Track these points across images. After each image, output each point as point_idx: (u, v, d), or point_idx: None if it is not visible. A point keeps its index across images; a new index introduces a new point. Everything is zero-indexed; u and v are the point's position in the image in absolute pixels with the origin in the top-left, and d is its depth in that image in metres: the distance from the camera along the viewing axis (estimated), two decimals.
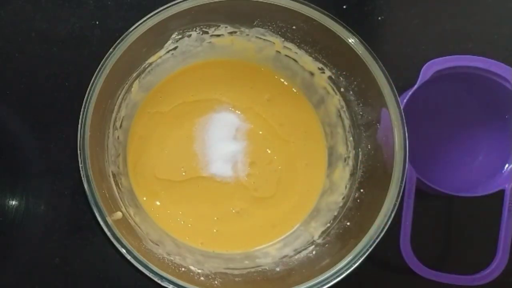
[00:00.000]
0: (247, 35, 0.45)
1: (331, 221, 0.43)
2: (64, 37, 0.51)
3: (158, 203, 0.45)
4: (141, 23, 0.39)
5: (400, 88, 0.43)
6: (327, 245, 0.42)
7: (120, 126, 0.45)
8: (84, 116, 0.37)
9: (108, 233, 0.36)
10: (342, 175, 0.45)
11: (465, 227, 0.50)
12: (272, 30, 0.44)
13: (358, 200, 0.42)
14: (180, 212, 0.45)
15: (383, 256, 0.49)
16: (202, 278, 0.39)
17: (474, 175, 0.50)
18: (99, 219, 0.36)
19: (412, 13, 0.53)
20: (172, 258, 0.40)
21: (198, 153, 0.46)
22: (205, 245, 0.45)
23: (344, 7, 0.52)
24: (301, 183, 0.47)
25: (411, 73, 0.47)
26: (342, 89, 0.44)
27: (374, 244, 0.37)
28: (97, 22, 0.52)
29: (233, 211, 0.45)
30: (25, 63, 0.51)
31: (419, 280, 0.45)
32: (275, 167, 0.46)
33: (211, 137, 0.46)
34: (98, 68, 0.38)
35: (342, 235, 0.41)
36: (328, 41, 0.41)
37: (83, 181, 0.36)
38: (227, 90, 0.48)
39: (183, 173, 0.46)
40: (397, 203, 0.37)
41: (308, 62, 0.45)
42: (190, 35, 0.44)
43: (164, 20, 0.39)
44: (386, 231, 0.37)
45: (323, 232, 0.43)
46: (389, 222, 0.37)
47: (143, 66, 0.44)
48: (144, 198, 0.45)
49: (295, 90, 0.48)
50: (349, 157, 0.45)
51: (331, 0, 0.53)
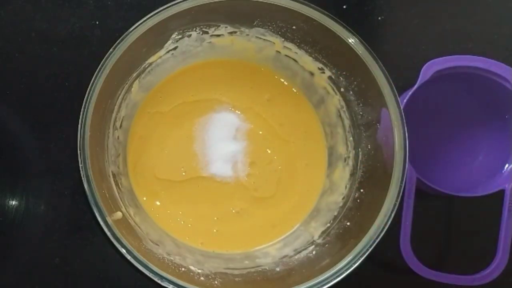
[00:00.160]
0: (247, 35, 0.45)
1: (331, 221, 0.43)
2: (64, 37, 0.51)
3: (158, 203, 0.45)
4: (141, 23, 0.39)
5: (400, 88, 0.43)
6: (327, 245, 0.42)
7: (120, 126, 0.45)
8: (84, 116, 0.37)
9: (108, 233, 0.36)
10: (342, 175, 0.45)
11: (465, 227, 0.50)
12: (272, 30, 0.44)
13: (358, 200, 0.42)
14: (180, 212, 0.45)
15: (383, 256, 0.49)
16: (202, 278, 0.39)
17: (474, 175, 0.50)
18: (99, 219, 0.36)
19: (412, 13, 0.53)
20: (172, 258, 0.40)
21: (198, 153, 0.46)
22: (205, 245, 0.45)
23: (344, 7, 0.52)
24: (301, 183, 0.47)
25: (411, 73, 0.47)
26: (342, 89, 0.44)
27: (374, 244, 0.37)
28: (97, 22, 0.51)
29: (233, 211, 0.45)
30: (25, 63, 0.51)
31: (419, 280, 0.45)
32: (275, 167, 0.46)
33: (211, 137, 0.46)
34: (98, 68, 0.38)
35: (342, 235, 0.41)
36: (328, 41, 0.41)
37: (83, 181, 0.36)
38: (227, 90, 0.48)
39: (183, 173, 0.46)
40: (397, 203, 0.37)
41: (308, 62, 0.45)
42: (190, 35, 0.44)
43: (164, 20, 0.39)
44: (386, 231, 0.37)
45: (323, 232, 0.43)
46: (389, 222, 0.37)
47: (143, 66, 0.44)
48: (144, 198, 0.45)
49: (295, 90, 0.48)
50: (349, 157, 0.45)
51: (331, 0, 0.53)
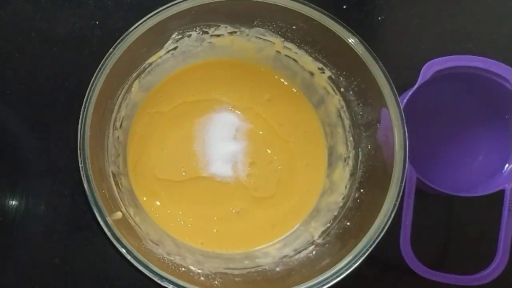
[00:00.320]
0: (247, 35, 0.45)
1: (331, 221, 0.43)
2: (64, 37, 0.51)
3: (158, 203, 0.45)
4: (141, 23, 0.39)
5: (400, 88, 0.43)
6: (327, 245, 0.42)
7: (120, 126, 0.45)
8: (84, 116, 0.37)
9: (108, 233, 0.36)
10: (342, 175, 0.45)
11: (465, 227, 0.50)
12: (272, 30, 0.44)
13: (358, 200, 0.42)
14: (180, 212, 0.45)
15: (383, 256, 0.49)
16: (202, 278, 0.39)
17: (474, 175, 0.50)
18: (99, 219, 0.36)
19: (412, 13, 0.53)
20: (172, 258, 0.40)
21: (198, 153, 0.46)
22: (205, 245, 0.45)
23: (344, 7, 0.52)
24: (301, 183, 0.47)
25: (411, 73, 0.47)
26: (342, 89, 0.44)
27: (374, 244, 0.37)
28: (97, 22, 0.51)
29: (233, 211, 0.45)
30: (25, 63, 0.51)
31: (419, 280, 0.45)
32: (275, 167, 0.46)
33: (211, 137, 0.46)
34: (98, 68, 0.38)
35: (342, 235, 0.41)
36: (328, 41, 0.41)
37: (83, 181, 0.36)
38: (227, 90, 0.48)
39: (183, 173, 0.46)
40: (397, 203, 0.37)
41: (308, 62, 0.45)
42: (190, 35, 0.44)
43: (164, 20, 0.39)
44: (386, 231, 0.37)
45: (323, 232, 0.43)
46: (389, 222, 0.37)
47: (143, 66, 0.44)
48: (144, 198, 0.45)
49: (295, 90, 0.48)
50: (349, 157, 0.45)
51: (331, 0, 0.53)
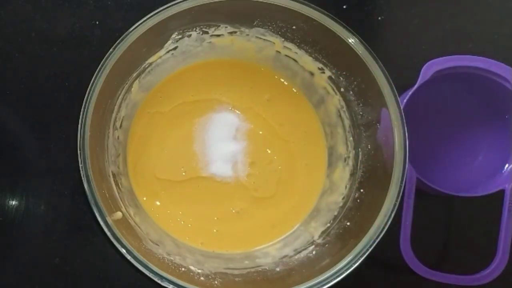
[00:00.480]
0: (247, 35, 0.45)
1: (331, 221, 0.43)
2: (64, 37, 0.51)
3: (158, 203, 0.45)
4: (141, 23, 0.39)
5: (400, 88, 0.43)
6: (327, 245, 0.42)
7: (120, 126, 0.45)
8: (84, 116, 0.37)
9: (108, 233, 0.36)
10: (342, 175, 0.45)
11: (465, 227, 0.50)
12: (272, 30, 0.44)
13: (358, 200, 0.42)
14: (180, 212, 0.45)
15: (383, 256, 0.49)
16: (202, 278, 0.39)
17: (474, 175, 0.50)
18: (99, 219, 0.36)
19: (412, 13, 0.53)
20: (172, 258, 0.40)
21: (198, 153, 0.46)
22: (205, 245, 0.45)
23: (344, 7, 0.52)
24: (301, 183, 0.47)
25: (411, 73, 0.47)
26: (342, 89, 0.44)
27: (374, 244, 0.37)
28: (97, 22, 0.51)
29: (233, 211, 0.45)
30: (25, 63, 0.51)
31: (419, 280, 0.45)
32: (275, 167, 0.46)
33: (211, 137, 0.46)
34: (98, 68, 0.38)
35: (342, 235, 0.41)
36: (328, 41, 0.41)
37: (83, 181, 0.36)
38: (227, 90, 0.48)
39: (183, 173, 0.46)
40: (397, 203, 0.37)
41: (308, 62, 0.45)
42: (190, 35, 0.44)
43: (164, 20, 0.39)
44: (386, 231, 0.37)
45: (323, 232, 0.43)
46: (389, 222, 0.37)
47: (143, 66, 0.44)
48: (144, 198, 0.45)
49: (295, 90, 0.48)
50: (349, 157, 0.45)
51: (331, 0, 0.53)
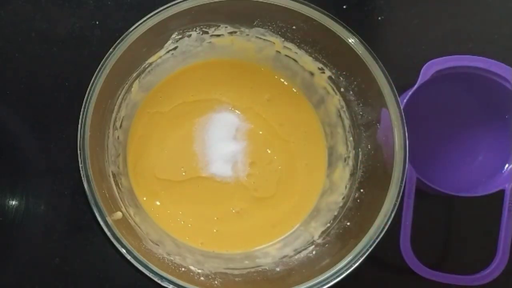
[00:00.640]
0: (247, 35, 0.45)
1: (331, 221, 0.43)
2: (64, 37, 0.51)
3: (158, 203, 0.45)
4: (141, 23, 0.39)
5: (400, 88, 0.43)
6: (327, 245, 0.42)
7: (120, 126, 0.45)
8: (84, 116, 0.37)
9: (108, 233, 0.36)
10: (342, 175, 0.45)
11: (465, 227, 0.50)
12: (272, 30, 0.44)
13: (358, 200, 0.42)
14: (180, 212, 0.45)
15: (383, 256, 0.49)
16: (202, 278, 0.39)
17: (474, 175, 0.50)
18: (99, 219, 0.36)
19: (412, 13, 0.53)
20: (172, 258, 0.40)
21: (198, 153, 0.46)
22: (205, 245, 0.45)
23: (344, 7, 0.52)
24: (301, 183, 0.47)
25: (411, 73, 0.47)
26: (342, 89, 0.44)
27: (374, 244, 0.37)
28: (97, 22, 0.51)
29: (233, 211, 0.45)
30: (25, 63, 0.51)
31: (419, 280, 0.45)
32: (275, 167, 0.46)
33: (211, 137, 0.46)
34: (98, 68, 0.38)
35: (342, 235, 0.41)
36: (328, 41, 0.41)
37: (83, 181, 0.36)
38: (227, 90, 0.48)
39: (183, 173, 0.46)
40: (397, 203, 0.37)
41: (308, 62, 0.45)
42: (190, 35, 0.44)
43: (164, 20, 0.39)
44: (386, 231, 0.37)
45: (323, 232, 0.43)
46: (389, 222, 0.37)
47: (143, 66, 0.44)
48: (144, 198, 0.45)
49: (295, 90, 0.48)
50: (349, 157, 0.45)
51: (331, 0, 0.53)
